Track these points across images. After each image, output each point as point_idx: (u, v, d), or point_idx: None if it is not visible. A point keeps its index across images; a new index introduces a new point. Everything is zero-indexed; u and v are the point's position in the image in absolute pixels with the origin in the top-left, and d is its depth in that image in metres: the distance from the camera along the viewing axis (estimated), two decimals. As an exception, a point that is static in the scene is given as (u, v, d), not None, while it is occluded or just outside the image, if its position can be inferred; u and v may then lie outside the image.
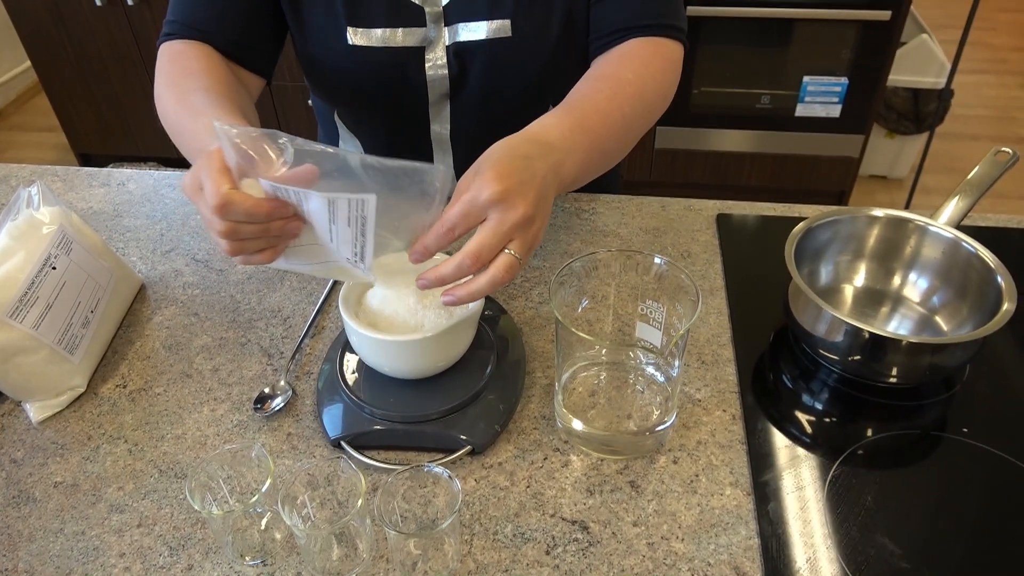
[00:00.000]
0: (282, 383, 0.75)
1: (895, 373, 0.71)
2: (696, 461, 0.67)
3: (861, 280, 0.83)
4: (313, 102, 1.08)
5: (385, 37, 0.84)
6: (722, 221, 0.95)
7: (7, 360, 0.69)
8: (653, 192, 1.05)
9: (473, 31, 0.84)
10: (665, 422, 0.67)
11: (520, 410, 0.72)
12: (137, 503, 0.65)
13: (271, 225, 0.58)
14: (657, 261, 0.67)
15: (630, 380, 0.73)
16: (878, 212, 0.80)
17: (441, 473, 0.58)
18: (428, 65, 0.86)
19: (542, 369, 0.76)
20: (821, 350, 0.74)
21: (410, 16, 0.84)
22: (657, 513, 0.63)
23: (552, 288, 0.65)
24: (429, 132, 0.94)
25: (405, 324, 0.66)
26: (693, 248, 0.91)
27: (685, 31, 0.84)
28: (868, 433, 0.70)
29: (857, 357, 0.71)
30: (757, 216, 0.96)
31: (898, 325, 0.79)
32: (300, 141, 0.56)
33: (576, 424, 0.68)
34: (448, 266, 0.59)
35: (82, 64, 2.48)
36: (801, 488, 0.65)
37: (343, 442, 0.68)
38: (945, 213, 0.78)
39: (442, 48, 0.85)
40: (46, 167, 1.10)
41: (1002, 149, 0.80)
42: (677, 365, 0.66)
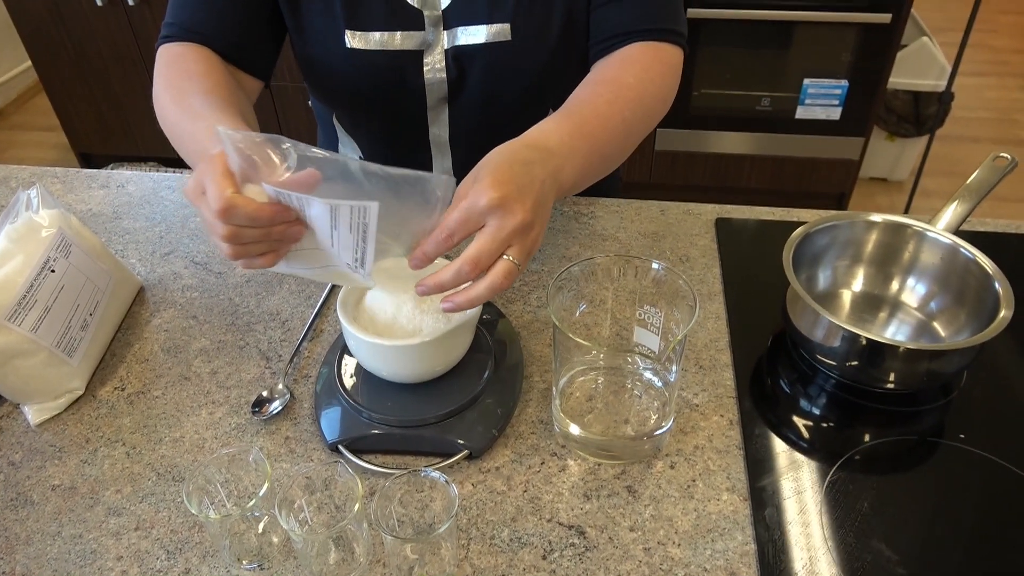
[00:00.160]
0: (280, 386, 0.75)
1: (892, 379, 0.71)
2: (693, 466, 0.67)
3: (859, 285, 0.83)
4: (312, 104, 1.08)
5: (383, 40, 0.84)
6: (721, 225, 0.95)
7: (5, 363, 0.70)
8: (653, 194, 1.05)
9: (472, 35, 0.84)
10: (662, 427, 0.68)
11: (518, 414, 0.72)
12: (135, 506, 0.66)
13: (273, 229, 0.58)
14: (655, 266, 0.67)
15: (628, 385, 0.73)
16: (876, 217, 0.80)
17: (438, 478, 0.58)
18: (426, 69, 0.86)
19: (540, 373, 0.76)
20: (819, 355, 0.74)
21: (409, 19, 0.84)
22: (654, 518, 0.63)
23: (550, 292, 0.65)
24: (428, 135, 0.94)
25: (403, 328, 0.66)
26: (692, 252, 0.91)
27: (685, 35, 0.84)
28: (865, 439, 0.70)
29: (855, 363, 0.71)
30: (756, 221, 0.96)
31: (896, 331, 0.79)
32: (303, 146, 0.56)
33: (573, 428, 0.68)
34: (447, 272, 0.59)
35: (82, 64, 2.48)
36: (798, 493, 0.65)
37: (341, 446, 0.68)
38: (944, 218, 0.78)
39: (441, 52, 0.85)
40: (45, 169, 1.10)
41: (1001, 155, 0.80)
42: (675, 370, 0.66)
